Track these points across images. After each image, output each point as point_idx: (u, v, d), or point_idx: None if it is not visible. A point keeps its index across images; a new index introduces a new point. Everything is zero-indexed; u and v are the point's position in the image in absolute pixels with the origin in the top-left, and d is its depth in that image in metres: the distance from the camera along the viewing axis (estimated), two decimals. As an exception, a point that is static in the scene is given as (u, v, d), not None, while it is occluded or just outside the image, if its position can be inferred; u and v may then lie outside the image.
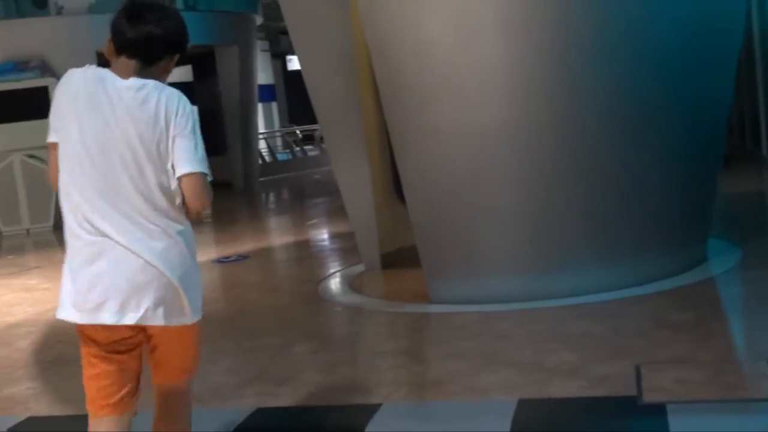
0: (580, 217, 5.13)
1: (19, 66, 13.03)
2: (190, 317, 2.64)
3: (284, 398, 3.92)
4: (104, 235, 2.55)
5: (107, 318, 2.57)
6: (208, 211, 2.40)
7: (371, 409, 3.65)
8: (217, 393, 4.06)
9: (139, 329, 2.64)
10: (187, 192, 2.61)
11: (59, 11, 13.31)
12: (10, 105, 12.83)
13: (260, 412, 3.77)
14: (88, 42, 12.20)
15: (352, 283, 6.41)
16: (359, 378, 4.27)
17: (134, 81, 2.64)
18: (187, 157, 2.61)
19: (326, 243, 9.06)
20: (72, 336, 5.65)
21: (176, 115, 2.63)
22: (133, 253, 2.53)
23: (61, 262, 2.80)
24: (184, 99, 2.70)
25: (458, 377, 4.00)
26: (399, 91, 5.27)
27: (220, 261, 8.15)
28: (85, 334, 2.70)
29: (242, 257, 8.18)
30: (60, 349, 5.35)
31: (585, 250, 5.17)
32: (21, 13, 13.20)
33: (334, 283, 6.52)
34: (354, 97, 6.43)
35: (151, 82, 2.66)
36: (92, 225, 2.57)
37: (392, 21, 5.21)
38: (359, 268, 6.84)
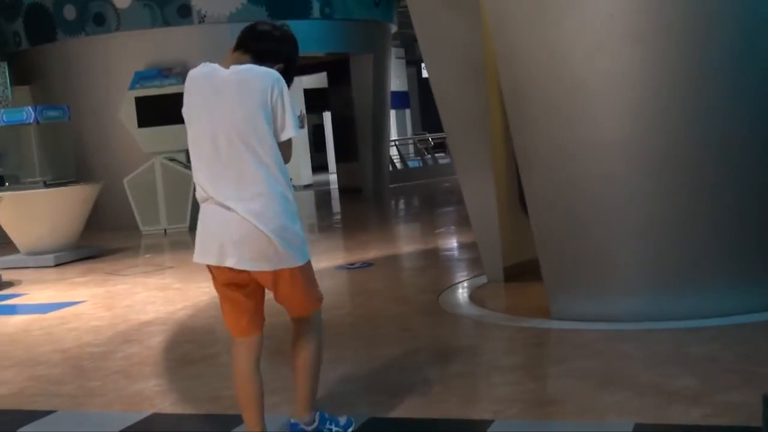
0: (708, 236, 4.96)
1: (162, 72, 13.58)
2: (288, 262, 3.24)
3: (397, 409, 3.94)
4: (212, 198, 3.25)
5: (212, 259, 3.28)
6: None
7: (483, 425, 3.63)
8: (332, 400, 4.12)
9: (245, 273, 3.27)
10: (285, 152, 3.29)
11: (201, 20, 13.80)
12: (153, 110, 13.38)
13: (372, 422, 3.81)
14: (227, 49, 12.61)
15: (473, 295, 6.39)
16: (474, 392, 4.25)
17: (234, 67, 3.29)
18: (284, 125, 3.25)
19: (451, 253, 9.06)
20: (199, 336, 5.91)
21: (271, 89, 3.22)
22: (233, 211, 3.19)
23: (194, 263, 3.39)
24: (277, 78, 3.25)
25: (574, 397, 3.93)
26: (524, 104, 5.23)
27: (345, 267, 8.27)
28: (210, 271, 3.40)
29: (367, 264, 8.27)
30: (187, 348, 5.55)
31: (713, 270, 4.99)
32: (166, 22, 13.75)
33: (456, 294, 6.52)
34: (481, 109, 6.41)
35: (248, 65, 3.28)
36: (206, 192, 3.27)
37: (521, 33, 5.17)
38: (482, 279, 6.81)
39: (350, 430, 3.69)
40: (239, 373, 3.44)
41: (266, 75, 3.23)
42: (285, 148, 3.27)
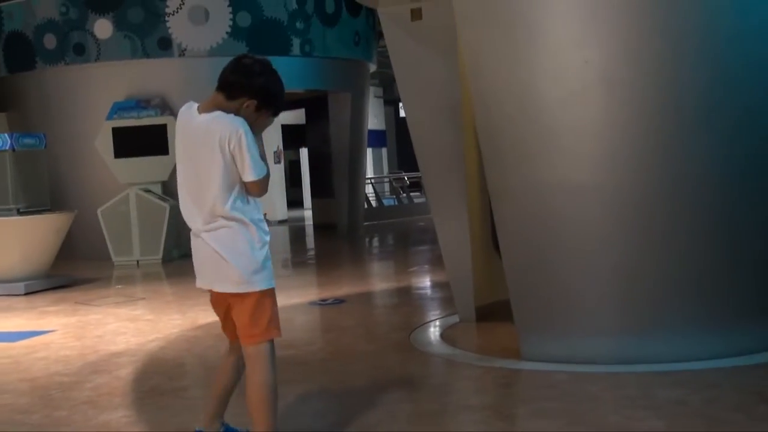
0: (678, 282, 5.03)
1: (140, 104, 13.61)
2: (235, 287, 3.59)
3: (366, 446, 3.94)
4: (192, 231, 3.68)
5: (197, 283, 3.79)
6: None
7: (451, 464, 3.64)
8: (301, 435, 4.12)
9: (214, 292, 3.75)
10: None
11: (182, 53, 13.86)
12: (130, 140, 13.40)
13: (341, 458, 3.81)
14: (207, 83, 12.65)
15: (445, 334, 6.42)
16: (442, 431, 4.26)
17: (204, 115, 3.61)
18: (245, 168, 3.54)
19: (424, 291, 9.08)
20: (169, 368, 5.89)
21: (228, 139, 3.52)
22: (201, 239, 3.63)
23: (166, 294, 3.68)
24: (237, 124, 3.54)
25: (542, 438, 3.96)
26: (499, 145, 5.31)
27: (318, 303, 8.27)
28: None
29: (339, 301, 8.28)
30: (157, 380, 5.52)
31: (682, 315, 5.06)
32: (146, 54, 13.80)
33: (428, 333, 6.54)
34: (457, 149, 6.48)
35: (216, 113, 3.58)
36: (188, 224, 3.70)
37: (497, 75, 5.26)
38: (454, 318, 6.84)
39: None
40: (218, 367, 4.00)
41: (227, 125, 3.52)
42: (251, 188, 3.58)
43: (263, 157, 3.62)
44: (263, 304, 3.61)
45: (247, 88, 3.60)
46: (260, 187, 3.58)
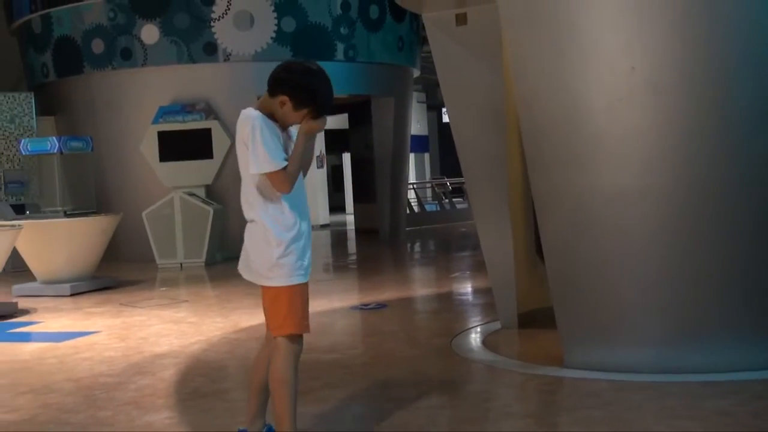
0: (724, 289, 4.95)
1: (186, 108, 13.75)
2: (260, 280, 3.76)
3: (407, 451, 3.93)
4: None
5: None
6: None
7: (492, 471, 3.61)
8: (342, 440, 4.12)
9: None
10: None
11: (227, 58, 13.98)
12: (175, 144, 13.54)
13: (382, 463, 3.80)
14: (251, 88, 12.76)
15: (486, 340, 6.39)
16: (484, 438, 4.24)
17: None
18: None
19: (466, 297, 9.05)
20: (211, 370, 5.92)
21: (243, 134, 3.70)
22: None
23: (209, 297, 3.78)
24: (251, 118, 3.67)
25: (585, 446, 3.91)
26: (543, 150, 5.27)
27: (359, 308, 8.28)
28: None
29: (381, 305, 8.28)
30: (200, 382, 5.56)
31: (728, 324, 4.97)
32: (192, 59, 13.94)
33: (469, 339, 6.51)
34: (501, 155, 6.46)
35: (247, 109, 3.72)
36: None
37: (542, 80, 5.23)
38: (496, 325, 6.81)
39: None
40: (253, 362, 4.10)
41: (243, 120, 3.68)
42: (269, 180, 3.67)
43: (303, 160, 3.73)
44: (279, 299, 3.75)
45: (284, 84, 3.68)
46: (276, 182, 3.65)
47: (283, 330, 3.76)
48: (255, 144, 3.62)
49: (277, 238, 3.69)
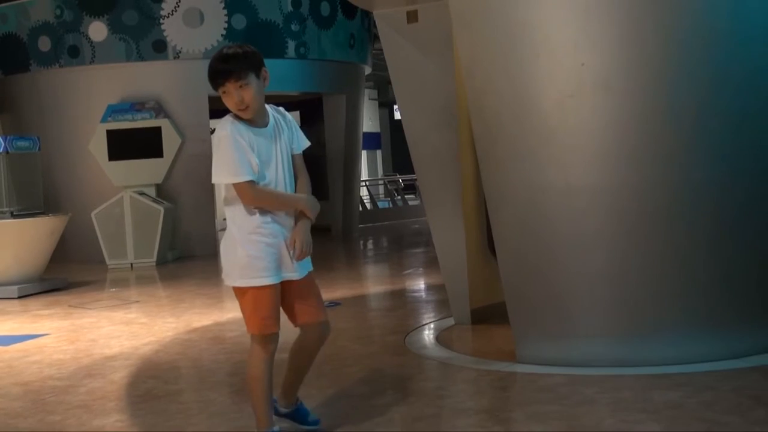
0: (673, 284, 5.02)
1: (135, 106, 13.58)
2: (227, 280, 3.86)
3: (362, 450, 3.92)
4: None
5: None
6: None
7: (447, 468, 3.61)
8: (296, 439, 4.09)
9: None
10: None
11: (177, 55, 13.84)
12: (124, 143, 13.38)
13: (336, 462, 3.78)
14: (201, 85, 12.62)
15: (440, 337, 6.40)
16: (438, 434, 4.25)
17: None
18: None
19: (419, 294, 9.07)
20: (163, 372, 5.84)
21: None
22: None
23: (161, 297, 3.73)
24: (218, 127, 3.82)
25: (538, 441, 3.94)
26: (495, 147, 5.29)
27: (313, 306, 8.24)
28: None
29: (334, 303, 8.26)
30: (151, 384, 5.49)
31: (678, 317, 5.04)
32: (141, 57, 13.78)
33: (423, 336, 6.52)
34: (452, 152, 6.48)
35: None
36: None
37: (493, 78, 5.25)
38: (449, 321, 6.83)
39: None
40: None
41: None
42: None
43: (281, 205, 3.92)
44: (241, 299, 3.85)
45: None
46: (239, 191, 3.80)
47: (249, 329, 3.86)
48: (215, 155, 3.82)
49: (241, 240, 3.78)
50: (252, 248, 3.77)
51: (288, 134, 3.94)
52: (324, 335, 4.12)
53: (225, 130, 3.71)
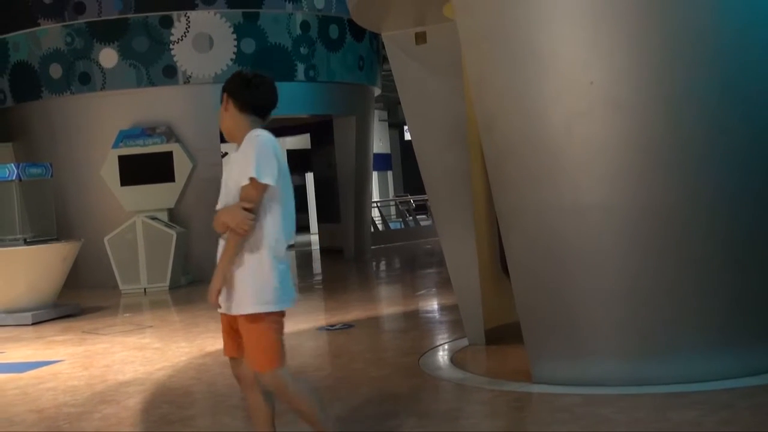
0: (689, 301, 4.99)
1: (146, 131, 13.64)
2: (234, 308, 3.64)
3: (378, 473, 3.89)
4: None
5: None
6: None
7: (464, 491, 3.59)
8: (312, 463, 4.06)
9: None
10: None
11: (187, 80, 13.91)
12: (136, 168, 13.42)
13: (353, 486, 3.76)
14: (212, 110, 12.68)
15: (454, 358, 6.37)
16: (455, 457, 4.22)
17: None
18: None
19: (432, 315, 9.04)
20: (177, 397, 5.83)
21: None
22: None
23: (174, 322, 3.54)
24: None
25: (555, 462, 3.91)
26: (506, 167, 5.29)
27: (326, 328, 8.23)
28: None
29: (347, 326, 8.24)
30: (166, 409, 5.48)
31: (693, 335, 5.01)
32: (151, 82, 13.85)
33: (437, 357, 6.49)
34: (464, 172, 6.48)
35: None
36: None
37: (503, 98, 5.25)
38: (463, 342, 6.80)
39: None
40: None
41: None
42: None
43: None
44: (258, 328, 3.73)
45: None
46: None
47: (262, 366, 3.72)
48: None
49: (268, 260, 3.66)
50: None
51: None
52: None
53: (265, 134, 3.64)
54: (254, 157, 3.55)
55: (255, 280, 3.60)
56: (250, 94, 3.75)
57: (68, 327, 9.63)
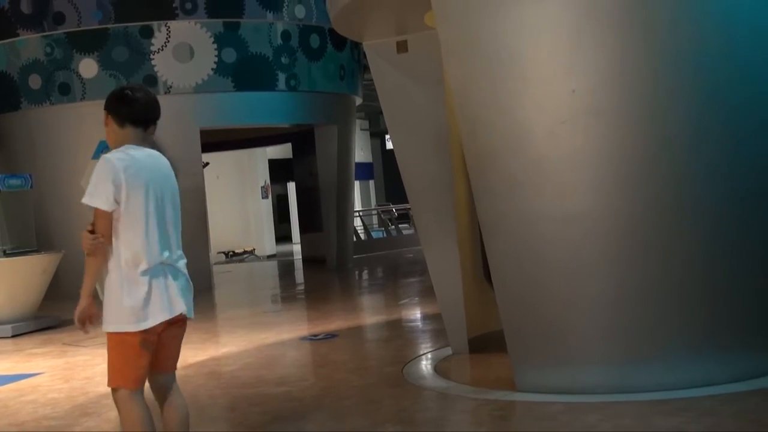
0: (672, 308, 4.99)
1: (127, 142, 13.56)
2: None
3: (362, 484, 3.87)
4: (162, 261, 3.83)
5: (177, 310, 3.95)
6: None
7: (449, 500, 3.57)
8: (296, 475, 4.04)
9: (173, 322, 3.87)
10: None
11: (167, 90, 13.86)
12: (116, 179, 13.32)
13: (337, 497, 3.74)
14: (193, 120, 12.68)
15: (438, 367, 6.36)
16: (439, 466, 4.20)
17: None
18: None
19: (415, 324, 9.03)
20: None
21: None
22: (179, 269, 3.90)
23: None
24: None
25: (540, 471, 3.90)
26: (488, 175, 5.29)
27: (309, 338, 8.20)
28: None
29: (331, 335, 8.21)
30: (147, 421, 5.42)
31: (677, 342, 5.01)
32: (132, 92, 13.79)
33: (421, 366, 6.47)
34: (446, 180, 6.47)
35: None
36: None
37: (484, 106, 5.25)
38: (447, 351, 6.78)
39: None
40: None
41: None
42: None
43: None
44: (113, 344, 3.78)
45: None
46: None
47: (110, 379, 3.85)
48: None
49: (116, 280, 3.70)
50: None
51: None
52: None
53: (111, 156, 3.72)
54: (91, 182, 3.68)
55: (106, 300, 3.71)
56: (125, 108, 3.74)
57: (48, 339, 9.55)
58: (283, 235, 26.70)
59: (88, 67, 13.87)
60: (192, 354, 7.67)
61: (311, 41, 15.44)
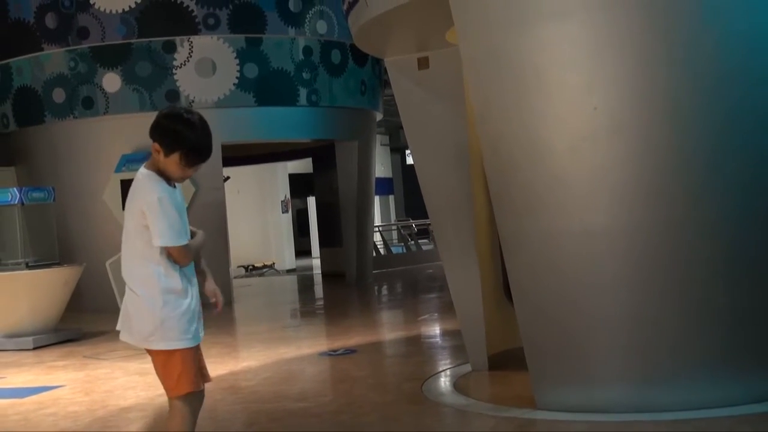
0: (693, 327, 4.96)
1: (149, 156, 13.64)
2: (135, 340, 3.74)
3: (380, 501, 3.86)
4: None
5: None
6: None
7: None
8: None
9: None
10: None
11: (190, 105, 13.94)
12: (138, 192, 13.40)
13: None
14: (214, 134, 12.66)
15: (457, 384, 6.34)
16: (458, 484, 4.18)
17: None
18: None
19: (435, 340, 9.00)
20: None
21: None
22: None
23: None
24: (153, 186, 3.62)
25: (560, 490, 3.87)
26: (509, 192, 5.28)
27: (328, 354, 8.20)
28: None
29: (350, 351, 8.21)
30: (167, 435, 5.43)
31: (697, 361, 4.97)
32: (154, 106, 13.90)
33: (440, 383, 6.46)
34: (466, 196, 6.47)
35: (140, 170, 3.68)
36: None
37: (506, 123, 5.25)
38: (466, 368, 6.76)
39: None
40: None
41: (149, 182, 3.70)
42: (171, 252, 3.62)
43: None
44: (168, 361, 3.77)
45: (153, 130, 3.65)
46: (177, 256, 3.65)
47: (172, 391, 3.79)
48: (159, 217, 3.54)
49: (163, 298, 3.63)
50: (178, 308, 3.71)
51: None
52: None
53: (162, 192, 3.59)
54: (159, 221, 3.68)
55: (150, 319, 3.78)
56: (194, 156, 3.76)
57: (69, 352, 9.60)
58: (302, 250, 26.75)
59: (111, 81, 13.99)
60: (211, 368, 7.63)
61: (333, 57, 15.50)
